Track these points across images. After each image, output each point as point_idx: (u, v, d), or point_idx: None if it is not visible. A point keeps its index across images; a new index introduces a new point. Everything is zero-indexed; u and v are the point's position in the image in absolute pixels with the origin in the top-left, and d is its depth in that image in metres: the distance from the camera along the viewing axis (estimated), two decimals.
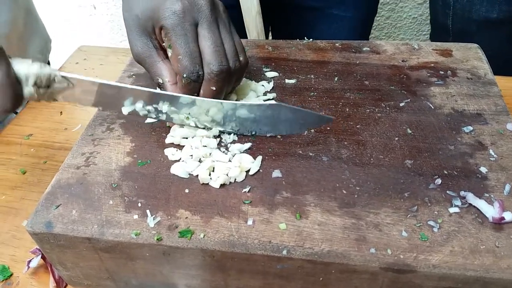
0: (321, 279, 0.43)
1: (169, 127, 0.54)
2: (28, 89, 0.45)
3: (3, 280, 0.54)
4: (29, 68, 0.45)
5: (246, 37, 0.77)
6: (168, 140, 0.52)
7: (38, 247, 0.53)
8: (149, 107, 0.51)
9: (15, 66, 0.45)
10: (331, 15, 0.84)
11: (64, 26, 1.84)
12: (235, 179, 0.47)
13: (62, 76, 0.47)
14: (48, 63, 0.98)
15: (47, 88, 0.47)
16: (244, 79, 0.59)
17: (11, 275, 0.54)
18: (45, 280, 0.53)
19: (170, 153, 0.51)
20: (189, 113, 0.51)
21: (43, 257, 0.53)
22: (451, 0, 0.84)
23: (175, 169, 0.48)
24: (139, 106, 0.51)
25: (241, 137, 0.53)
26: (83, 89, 0.49)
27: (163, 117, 0.52)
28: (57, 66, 0.93)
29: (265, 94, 0.58)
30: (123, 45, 1.83)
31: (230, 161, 0.49)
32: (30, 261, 0.53)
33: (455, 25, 0.85)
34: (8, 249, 0.57)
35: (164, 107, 0.50)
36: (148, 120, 0.55)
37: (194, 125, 0.52)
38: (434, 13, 0.97)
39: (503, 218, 0.41)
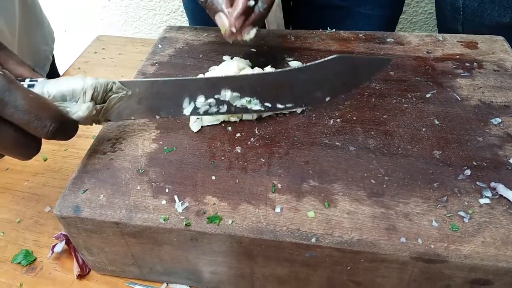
0: (349, 268, 0.42)
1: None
2: (85, 106, 0.43)
3: (27, 265, 0.54)
4: (85, 82, 0.43)
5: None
6: (194, 127, 0.52)
7: (62, 232, 0.53)
8: (211, 100, 0.48)
9: (67, 83, 0.43)
10: (358, 13, 0.83)
11: (78, 18, 1.84)
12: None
13: (120, 82, 0.46)
14: (53, 56, 0.98)
15: (103, 104, 0.45)
16: (269, 67, 0.59)
17: (35, 259, 0.54)
18: (69, 266, 0.53)
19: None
20: (253, 96, 0.49)
21: (67, 243, 0.53)
22: (460, 5, 0.82)
23: None
24: (200, 101, 0.48)
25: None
26: (138, 96, 0.47)
27: (224, 108, 0.49)
28: (75, 56, 0.93)
29: None
30: (138, 36, 1.83)
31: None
32: (54, 246, 0.53)
33: (465, 30, 0.83)
34: (31, 234, 0.57)
35: (226, 94, 0.48)
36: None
37: (258, 108, 0.50)
38: (441, 18, 0.94)
39: None
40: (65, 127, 0.42)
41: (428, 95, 0.55)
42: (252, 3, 0.52)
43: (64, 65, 0.98)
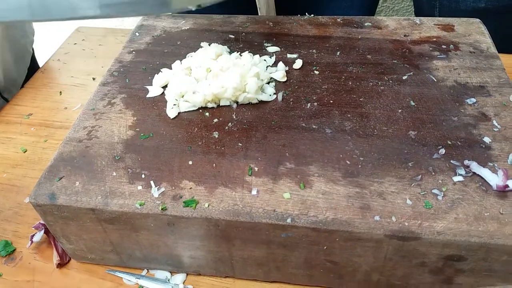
0: (325, 248, 0.43)
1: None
2: None
3: (6, 255, 0.54)
4: None
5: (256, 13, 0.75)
6: (171, 113, 0.52)
7: (41, 222, 0.53)
8: None
9: None
10: None
11: None
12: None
13: None
14: (33, 50, 0.96)
15: None
16: (246, 53, 0.59)
17: (14, 250, 0.54)
18: (49, 255, 0.53)
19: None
20: None
21: (46, 232, 0.53)
22: None
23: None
24: None
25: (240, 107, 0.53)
26: None
27: None
28: (55, 47, 0.92)
29: (267, 68, 0.58)
30: (121, 28, 1.81)
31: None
32: (33, 235, 0.53)
33: (442, 16, 0.84)
34: (10, 225, 0.57)
35: None
36: (150, 95, 0.55)
37: None
38: (418, 5, 0.95)
39: (507, 186, 0.41)
40: None
41: (404, 77, 0.56)
42: None
43: (44, 57, 0.96)
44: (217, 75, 0.54)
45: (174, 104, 0.53)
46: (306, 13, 0.69)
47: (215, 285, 0.50)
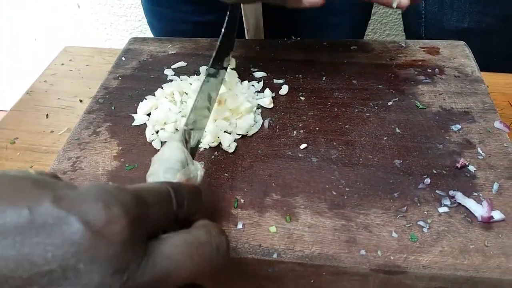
0: (312, 281, 0.42)
1: (157, 131, 0.53)
2: (198, 165, 0.39)
3: None
4: (176, 152, 0.37)
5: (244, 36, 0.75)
6: (155, 143, 0.52)
7: None
8: None
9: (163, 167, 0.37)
10: (325, 23, 0.83)
11: (48, 26, 1.81)
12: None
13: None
14: None
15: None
16: (236, 80, 0.59)
17: None
18: None
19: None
20: None
21: None
22: (422, 10, 0.84)
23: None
24: None
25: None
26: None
27: None
28: (43, 67, 0.92)
29: (255, 93, 0.58)
30: (108, 44, 1.81)
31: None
32: None
33: (427, 34, 0.85)
34: None
35: None
36: (135, 123, 0.55)
37: None
38: (406, 21, 0.96)
39: (491, 217, 0.42)
40: None
41: (390, 103, 0.56)
42: None
43: (30, 77, 0.96)
44: None
45: (152, 134, 0.52)
46: (293, 37, 0.69)
47: None
